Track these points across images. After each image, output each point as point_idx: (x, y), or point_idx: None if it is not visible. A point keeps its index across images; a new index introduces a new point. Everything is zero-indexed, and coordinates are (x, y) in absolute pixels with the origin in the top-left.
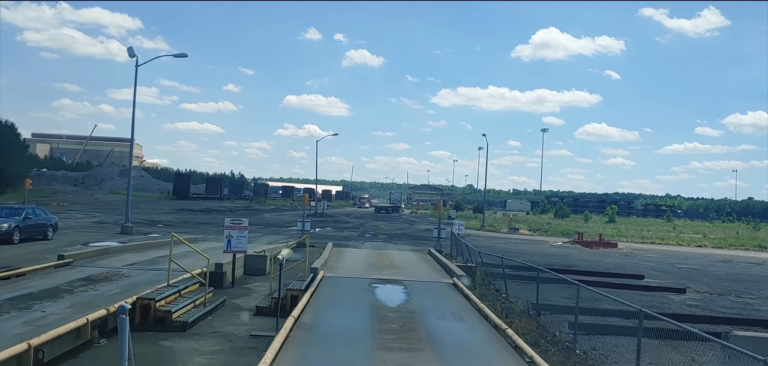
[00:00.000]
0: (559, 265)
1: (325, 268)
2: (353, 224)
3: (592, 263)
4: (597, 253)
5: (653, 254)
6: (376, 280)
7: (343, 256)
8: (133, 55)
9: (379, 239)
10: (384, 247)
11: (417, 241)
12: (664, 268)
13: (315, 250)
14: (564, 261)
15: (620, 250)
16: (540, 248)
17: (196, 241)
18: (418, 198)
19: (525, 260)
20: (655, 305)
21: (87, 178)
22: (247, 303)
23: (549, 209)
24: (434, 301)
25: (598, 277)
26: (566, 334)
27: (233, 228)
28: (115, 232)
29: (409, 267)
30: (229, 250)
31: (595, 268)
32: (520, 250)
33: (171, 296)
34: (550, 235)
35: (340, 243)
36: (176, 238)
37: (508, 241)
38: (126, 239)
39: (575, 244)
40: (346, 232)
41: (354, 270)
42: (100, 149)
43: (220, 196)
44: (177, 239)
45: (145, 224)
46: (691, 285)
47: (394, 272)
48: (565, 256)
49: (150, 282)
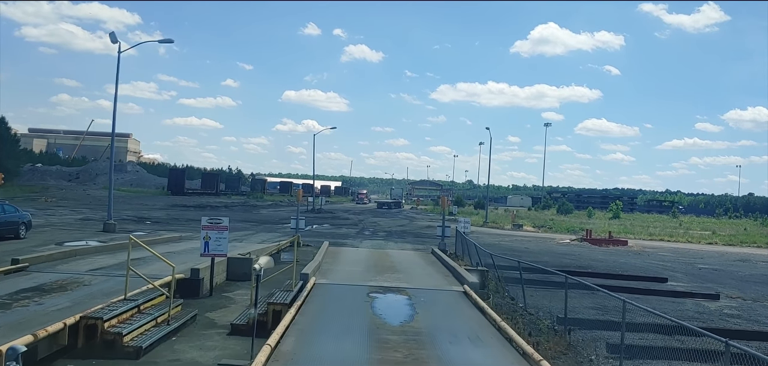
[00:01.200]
0: (573, 266)
1: (317, 273)
2: (352, 221)
3: (606, 263)
4: (608, 252)
5: (666, 253)
6: (376, 287)
7: (339, 257)
8: (115, 40)
9: (378, 237)
10: (384, 246)
11: (418, 239)
12: (683, 268)
13: (309, 250)
14: (576, 261)
15: (630, 249)
16: (547, 246)
17: (182, 239)
18: (417, 194)
19: (533, 260)
20: (692, 315)
21: (81, 174)
22: (223, 318)
23: (551, 205)
24: (445, 316)
25: (617, 279)
26: (607, 360)
27: (211, 228)
28: (97, 231)
29: (412, 270)
30: (207, 254)
31: (611, 268)
32: (528, 248)
33: (126, 313)
34: (555, 231)
35: (338, 242)
36: (135, 241)
37: (514, 238)
38: (107, 238)
39: (584, 242)
40: (344, 229)
41: (350, 275)
42: (97, 144)
43: (216, 192)
44: (135, 242)
45: (132, 221)
46: (720, 289)
47: (395, 277)
48: (575, 254)
49: (112, 292)
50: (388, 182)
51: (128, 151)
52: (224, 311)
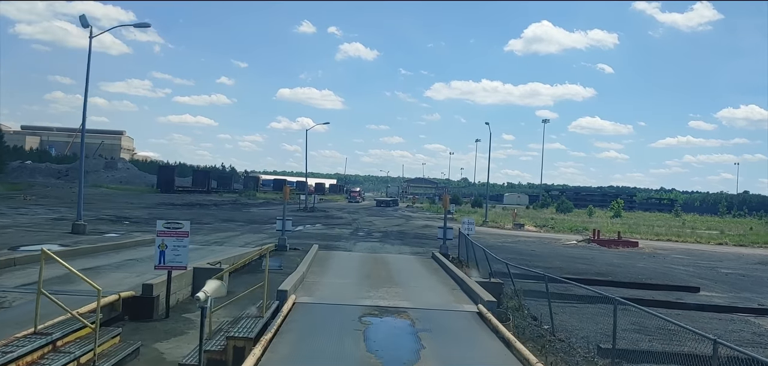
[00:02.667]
0: (590, 272)
1: (299, 288)
2: (345, 220)
3: (624, 269)
4: (620, 255)
5: (680, 255)
6: (370, 308)
7: (328, 264)
8: (87, 24)
9: (373, 238)
10: (380, 250)
11: (417, 241)
12: (707, 274)
13: (296, 256)
14: (592, 266)
15: (642, 250)
16: (554, 248)
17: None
18: (413, 191)
19: (545, 265)
20: (749, 338)
21: (71, 171)
22: (176, 350)
23: (550, 203)
24: (460, 350)
25: (644, 289)
26: None
27: (168, 234)
28: (66, 232)
29: (412, 281)
30: (162, 266)
31: (632, 275)
32: (534, 251)
33: (32, 354)
34: (558, 231)
35: (329, 244)
36: (48, 254)
37: (517, 239)
38: (74, 241)
39: (591, 243)
40: (337, 229)
41: (340, 290)
42: (90, 142)
43: (207, 190)
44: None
45: (109, 221)
46: (760, 299)
47: (394, 293)
48: (588, 258)
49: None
50: (383, 180)
51: (122, 149)
52: (179, 340)
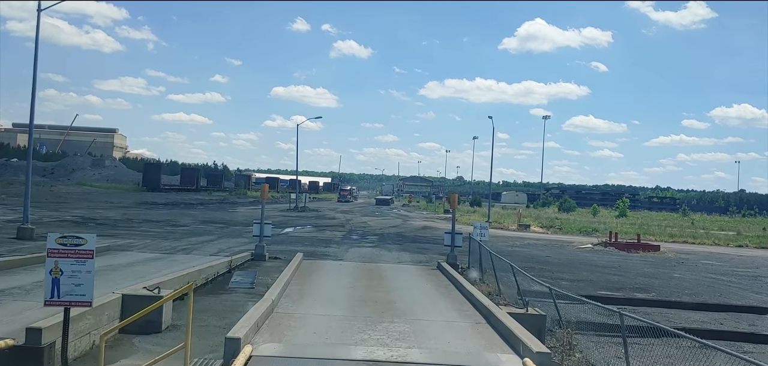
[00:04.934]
0: (629, 286)
1: (264, 327)
2: (338, 221)
3: (662, 280)
4: (647, 261)
5: (708, 260)
6: (365, 365)
7: (312, 281)
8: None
9: (368, 242)
10: (376, 258)
11: (417, 246)
12: (753, 284)
13: (275, 268)
14: (624, 276)
15: (665, 255)
16: (570, 253)
17: (109, 251)
18: (408, 190)
19: (572, 277)
20: None
21: (57, 169)
22: None
23: (551, 202)
24: None
25: (704, 311)
26: None
27: (64, 253)
28: (9, 237)
29: (420, 309)
30: (56, 301)
31: (677, 290)
32: (549, 257)
33: None
34: (565, 232)
35: (318, 250)
36: None
37: (525, 242)
38: (15, 248)
39: (608, 247)
40: (328, 232)
41: (322, 329)
42: (82, 140)
43: (196, 188)
44: None
45: (72, 224)
46: None
47: (398, 333)
48: (615, 266)
49: None
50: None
51: (115, 147)
52: None
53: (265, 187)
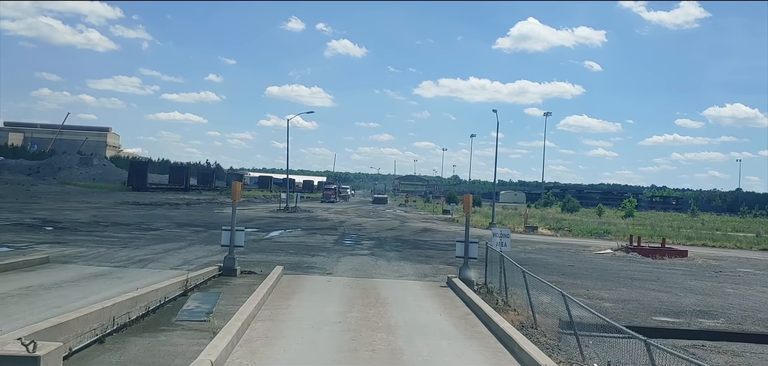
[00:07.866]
0: (687, 308)
1: None
2: (330, 223)
3: (718, 298)
4: (687, 271)
5: (743, 267)
6: None
7: (288, 310)
8: None
9: (362, 248)
10: (372, 270)
11: (419, 252)
12: None
13: (245, 288)
14: (670, 293)
15: (694, 261)
16: (593, 261)
17: (49, 263)
18: (405, 189)
19: (615, 297)
20: None
21: (43, 167)
22: None
23: (553, 202)
24: None
25: None
26: None
27: None
28: None
29: (440, 360)
30: None
31: (734, 306)
32: (573, 266)
33: None
34: (575, 235)
35: (303, 261)
36: None
37: (538, 247)
38: None
39: (631, 252)
40: (318, 236)
41: None
42: (75, 138)
43: (185, 187)
44: None
45: (28, 228)
46: None
47: None
48: (653, 278)
49: None
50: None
51: (108, 146)
52: None
53: (238, 186)
